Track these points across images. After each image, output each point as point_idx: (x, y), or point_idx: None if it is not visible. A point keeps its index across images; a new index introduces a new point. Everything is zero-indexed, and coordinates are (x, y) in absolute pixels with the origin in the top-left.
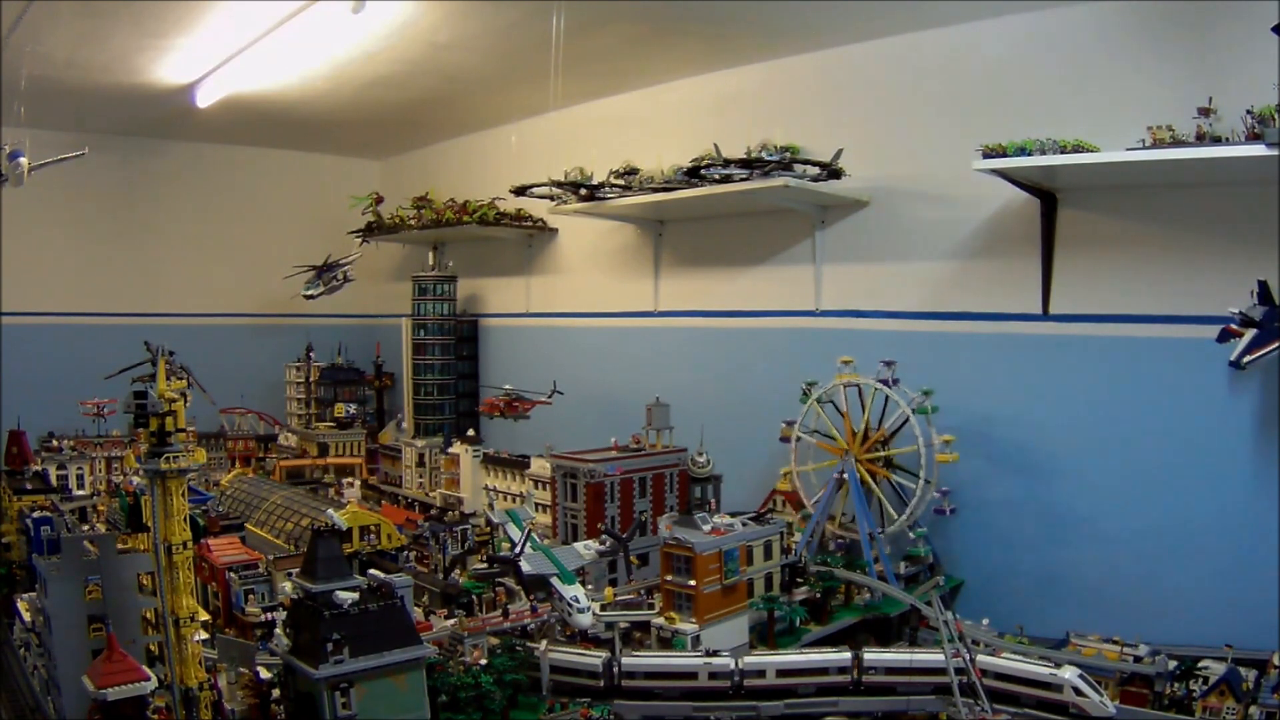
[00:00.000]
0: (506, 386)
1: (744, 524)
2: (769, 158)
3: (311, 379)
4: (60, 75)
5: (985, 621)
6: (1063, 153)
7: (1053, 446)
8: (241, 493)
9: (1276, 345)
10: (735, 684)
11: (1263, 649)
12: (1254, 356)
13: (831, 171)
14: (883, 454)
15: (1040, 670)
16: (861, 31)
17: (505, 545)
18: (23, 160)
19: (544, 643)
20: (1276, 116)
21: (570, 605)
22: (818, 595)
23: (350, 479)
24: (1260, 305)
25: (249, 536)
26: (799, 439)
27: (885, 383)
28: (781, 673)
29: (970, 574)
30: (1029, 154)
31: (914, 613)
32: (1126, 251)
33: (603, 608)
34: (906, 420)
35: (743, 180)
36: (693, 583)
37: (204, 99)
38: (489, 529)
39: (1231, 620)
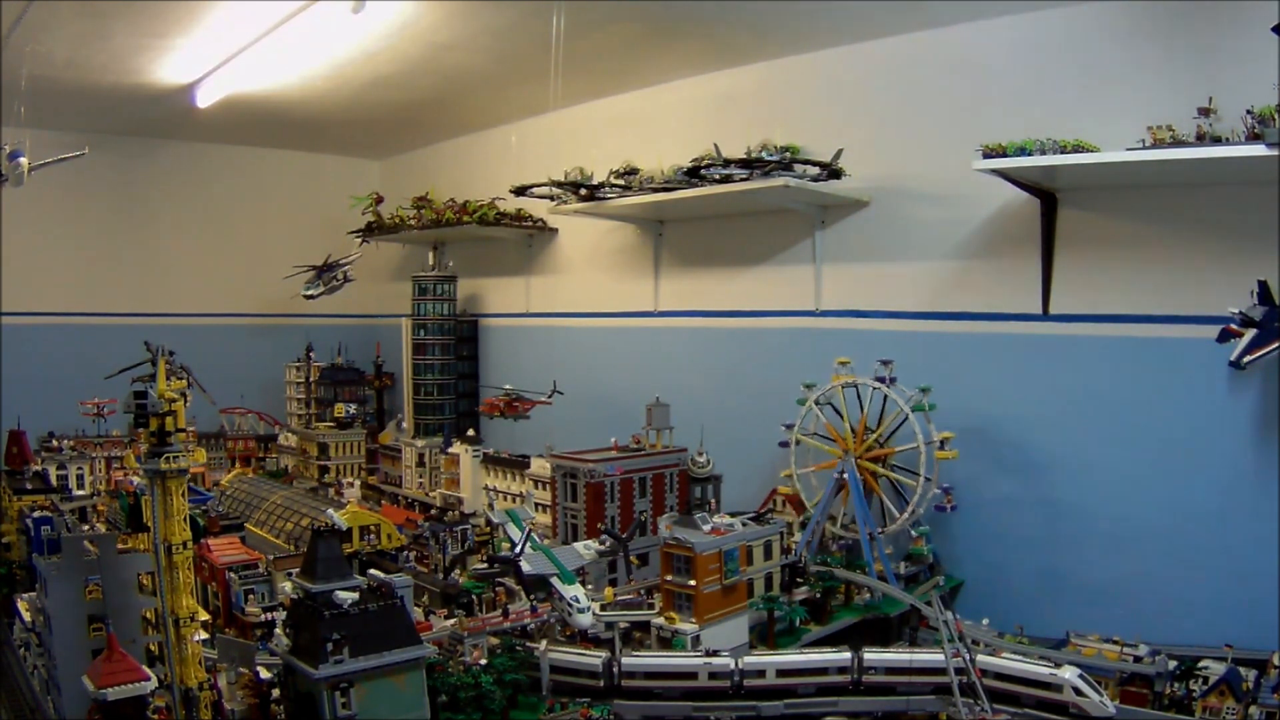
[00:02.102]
0: (506, 386)
1: (744, 524)
2: (769, 158)
3: (311, 379)
4: (60, 75)
5: (985, 621)
6: (1063, 153)
7: (1053, 446)
8: (241, 493)
9: (1276, 345)
10: (735, 684)
11: (1263, 649)
12: (1254, 356)
13: (831, 171)
14: (882, 452)
15: (1040, 670)
16: (861, 31)
17: (505, 545)
18: (23, 160)
19: (544, 643)
20: (1276, 116)
21: (570, 605)
22: (818, 595)
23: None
24: (1260, 305)
25: (249, 536)
26: (798, 442)
27: (882, 381)
28: (781, 673)
29: (970, 574)
30: (1029, 154)
31: (914, 613)
32: (1126, 251)
33: (603, 608)
34: (905, 419)
35: (743, 180)
36: (693, 583)
37: (204, 99)
38: (489, 529)
39: (1231, 620)
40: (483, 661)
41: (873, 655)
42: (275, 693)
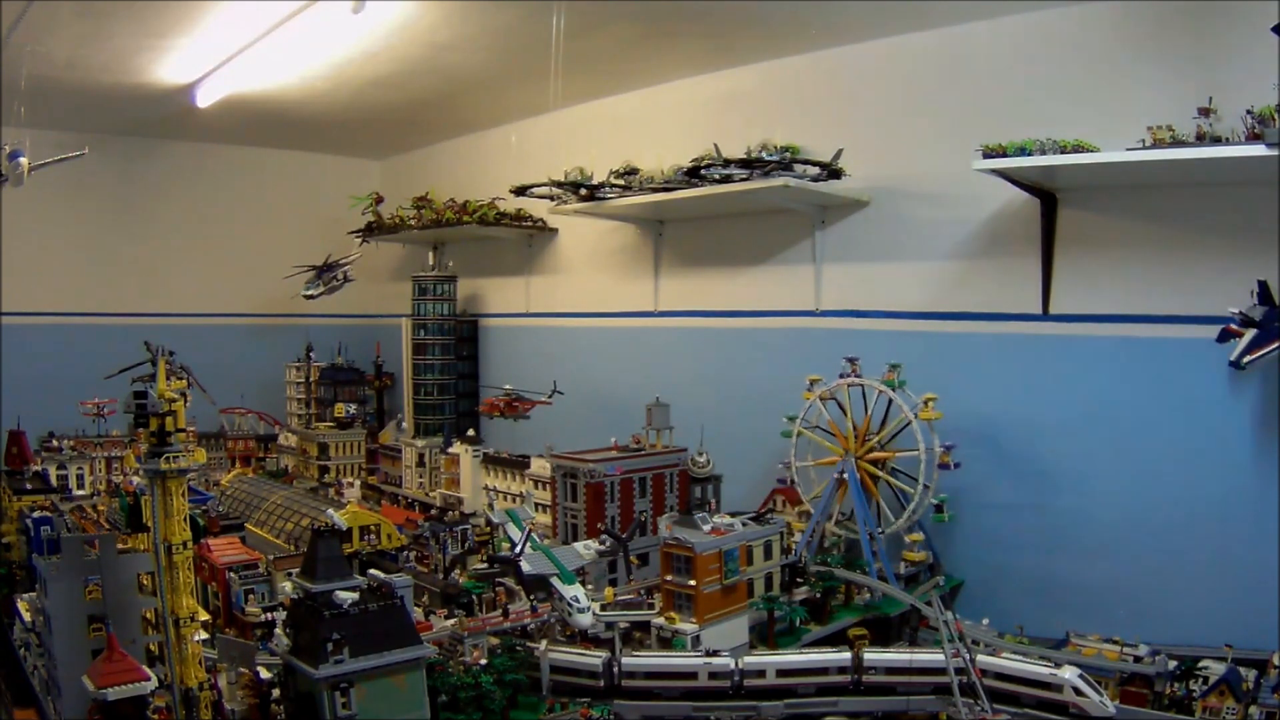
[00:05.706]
0: (506, 386)
1: (744, 524)
2: (769, 158)
3: (311, 379)
4: (60, 75)
5: (985, 621)
6: (1063, 153)
7: (1052, 446)
8: (241, 493)
9: (1276, 345)
10: (735, 684)
11: (1263, 649)
12: (1254, 356)
13: (831, 171)
14: (882, 455)
15: (1040, 670)
16: (861, 31)
17: (505, 545)
18: (23, 160)
19: (544, 643)
20: (1276, 116)
21: (570, 605)
22: (818, 595)
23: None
24: (1260, 305)
25: (249, 536)
26: (799, 434)
27: (890, 387)
28: (781, 673)
29: (970, 574)
30: (1029, 154)
31: (914, 613)
32: (1126, 251)
33: (603, 608)
34: (908, 424)
35: (743, 180)
36: (693, 583)
37: (204, 99)
38: (489, 529)
39: (1231, 620)
40: (483, 661)
41: (873, 655)
42: (275, 693)
